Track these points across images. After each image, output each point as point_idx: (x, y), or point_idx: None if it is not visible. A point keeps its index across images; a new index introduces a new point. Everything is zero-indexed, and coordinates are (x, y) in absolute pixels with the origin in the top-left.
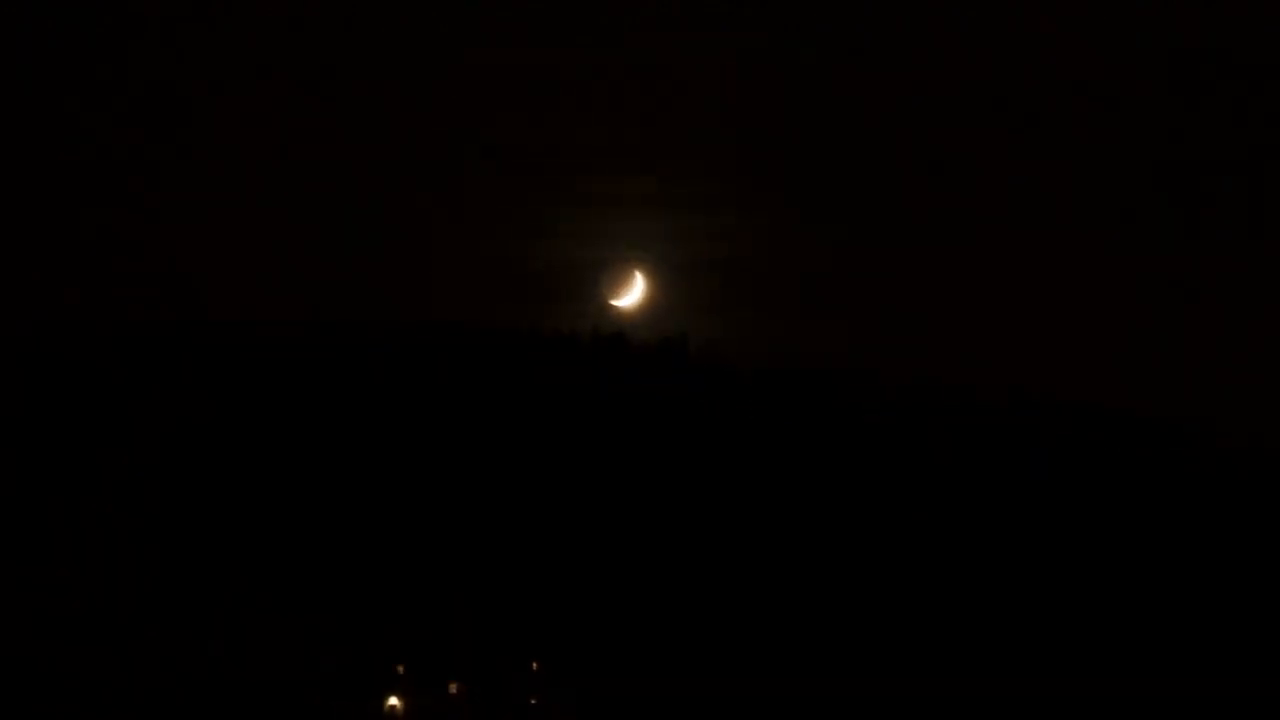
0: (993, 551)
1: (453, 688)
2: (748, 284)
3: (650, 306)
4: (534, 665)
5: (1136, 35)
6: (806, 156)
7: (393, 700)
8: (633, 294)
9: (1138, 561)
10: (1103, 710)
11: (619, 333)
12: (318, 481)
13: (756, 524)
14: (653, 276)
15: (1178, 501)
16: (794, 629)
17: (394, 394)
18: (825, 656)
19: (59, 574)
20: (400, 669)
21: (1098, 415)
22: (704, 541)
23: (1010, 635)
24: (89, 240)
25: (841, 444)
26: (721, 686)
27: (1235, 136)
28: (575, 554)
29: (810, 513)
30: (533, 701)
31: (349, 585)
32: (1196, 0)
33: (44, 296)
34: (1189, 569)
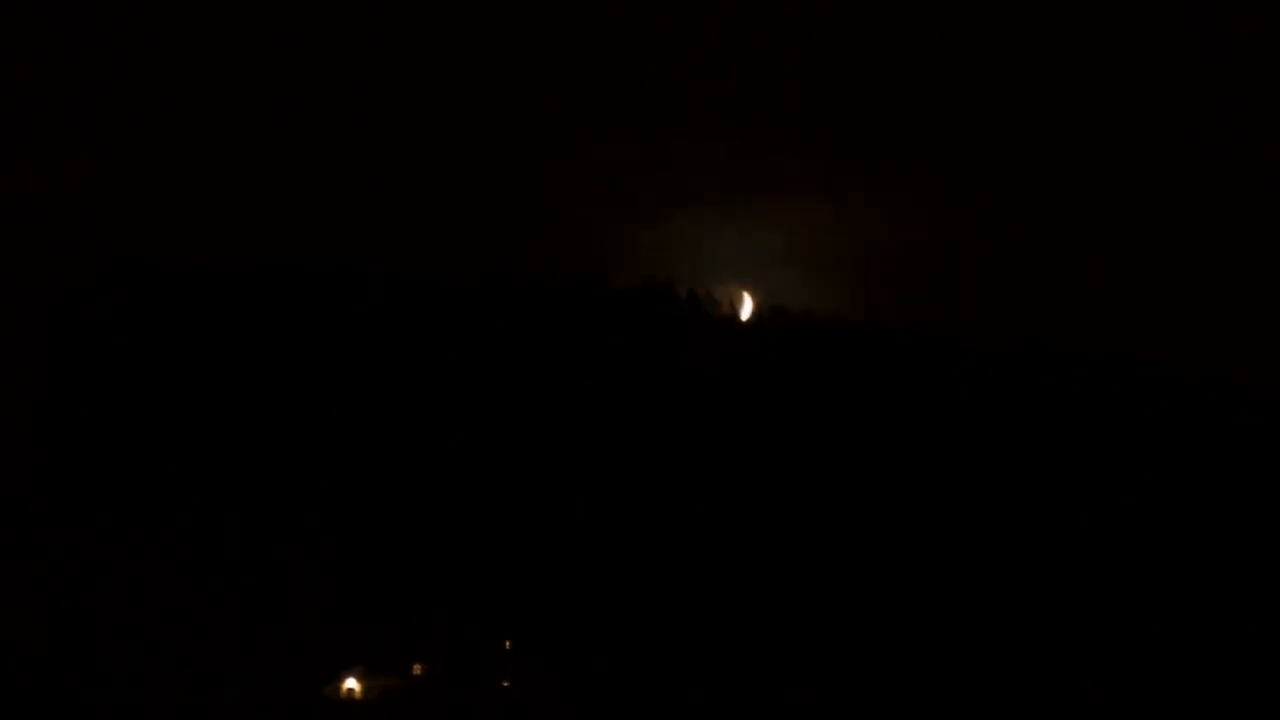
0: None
1: (417, 669)
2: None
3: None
4: (507, 644)
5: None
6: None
7: (350, 683)
8: (743, 312)
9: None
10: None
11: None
12: (279, 455)
13: (747, 503)
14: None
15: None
16: (782, 620)
17: (366, 367)
18: (820, 654)
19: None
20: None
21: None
22: (692, 523)
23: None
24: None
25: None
26: (714, 674)
27: None
28: (557, 529)
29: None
30: (505, 685)
31: (305, 561)
32: None
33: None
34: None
